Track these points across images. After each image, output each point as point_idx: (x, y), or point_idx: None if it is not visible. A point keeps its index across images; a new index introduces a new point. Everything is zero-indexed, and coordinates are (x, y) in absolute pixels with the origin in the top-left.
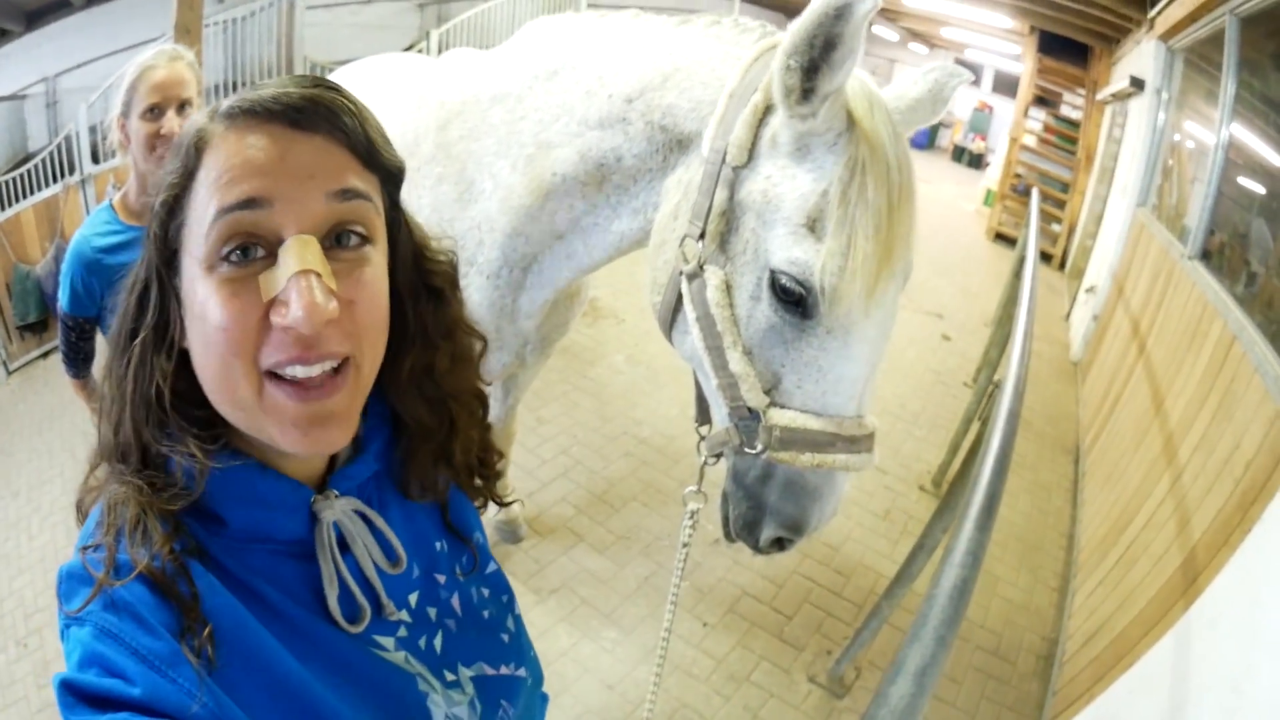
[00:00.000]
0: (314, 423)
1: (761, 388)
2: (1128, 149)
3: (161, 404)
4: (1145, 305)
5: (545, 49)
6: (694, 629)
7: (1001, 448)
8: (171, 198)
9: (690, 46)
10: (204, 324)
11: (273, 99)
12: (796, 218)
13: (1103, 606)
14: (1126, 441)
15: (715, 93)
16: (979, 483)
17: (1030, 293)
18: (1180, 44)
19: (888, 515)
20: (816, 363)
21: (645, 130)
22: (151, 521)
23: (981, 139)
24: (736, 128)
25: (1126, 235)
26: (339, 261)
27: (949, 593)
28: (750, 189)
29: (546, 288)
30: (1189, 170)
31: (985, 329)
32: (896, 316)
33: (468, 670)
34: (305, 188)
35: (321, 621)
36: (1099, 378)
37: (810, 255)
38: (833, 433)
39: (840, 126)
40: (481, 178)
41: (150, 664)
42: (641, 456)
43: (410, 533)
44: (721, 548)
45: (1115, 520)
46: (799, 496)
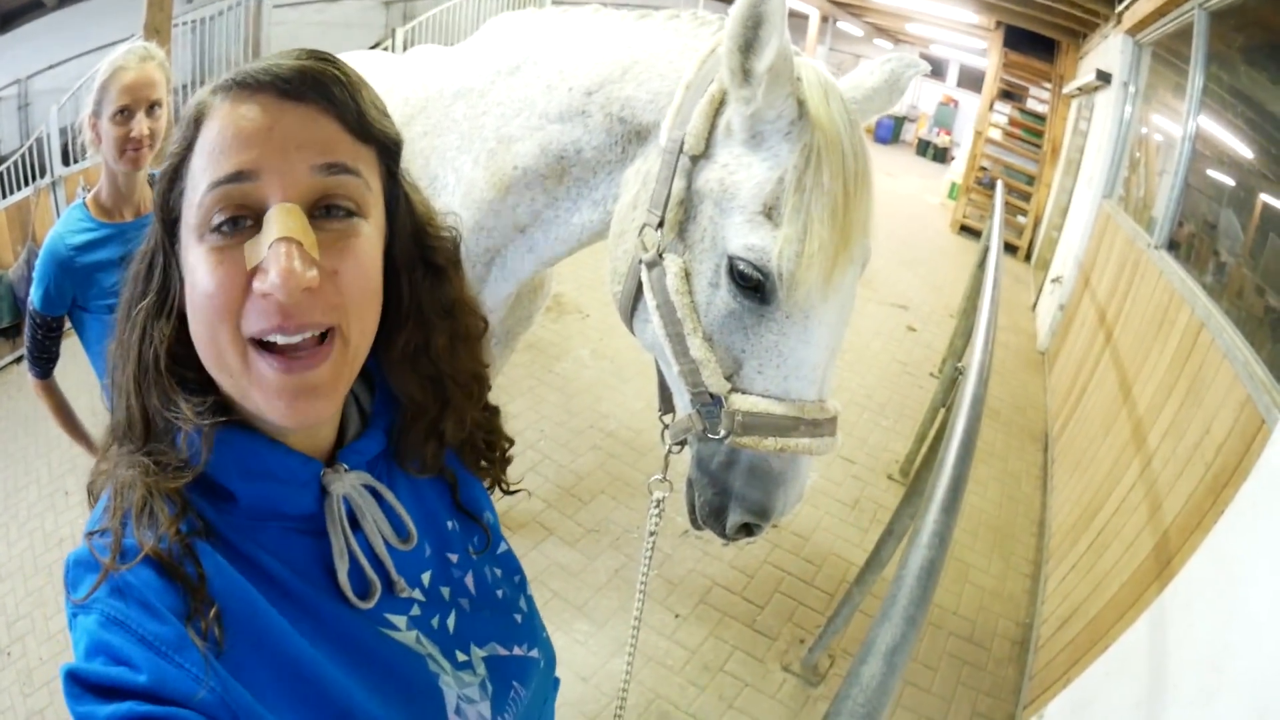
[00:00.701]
0: (298, 394)
1: (723, 373)
2: (1093, 141)
3: (159, 367)
4: (1112, 295)
5: (508, 45)
6: (666, 620)
7: (966, 431)
8: (172, 167)
9: (648, 40)
10: (194, 291)
11: (263, 70)
12: (753, 205)
13: (1076, 591)
14: (1095, 428)
15: (672, 84)
16: (944, 466)
17: (995, 280)
18: (1148, 38)
19: (856, 504)
20: (776, 348)
21: (604, 122)
22: (158, 503)
23: (946, 133)
24: (693, 118)
25: (1092, 226)
26: (325, 232)
27: (916, 574)
28: (707, 177)
29: (509, 281)
30: (1156, 163)
31: (950, 320)
32: (855, 302)
33: (480, 651)
34: (291, 159)
35: (332, 600)
36: (1066, 366)
37: (767, 241)
38: (795, 417)
39: (793, 114)
40: (444, 173)
41: (157, 650)
42: (609, 450)
43: (420, 511)
44: (691, 539)
45: (1086, 506)
46: (763, 481)
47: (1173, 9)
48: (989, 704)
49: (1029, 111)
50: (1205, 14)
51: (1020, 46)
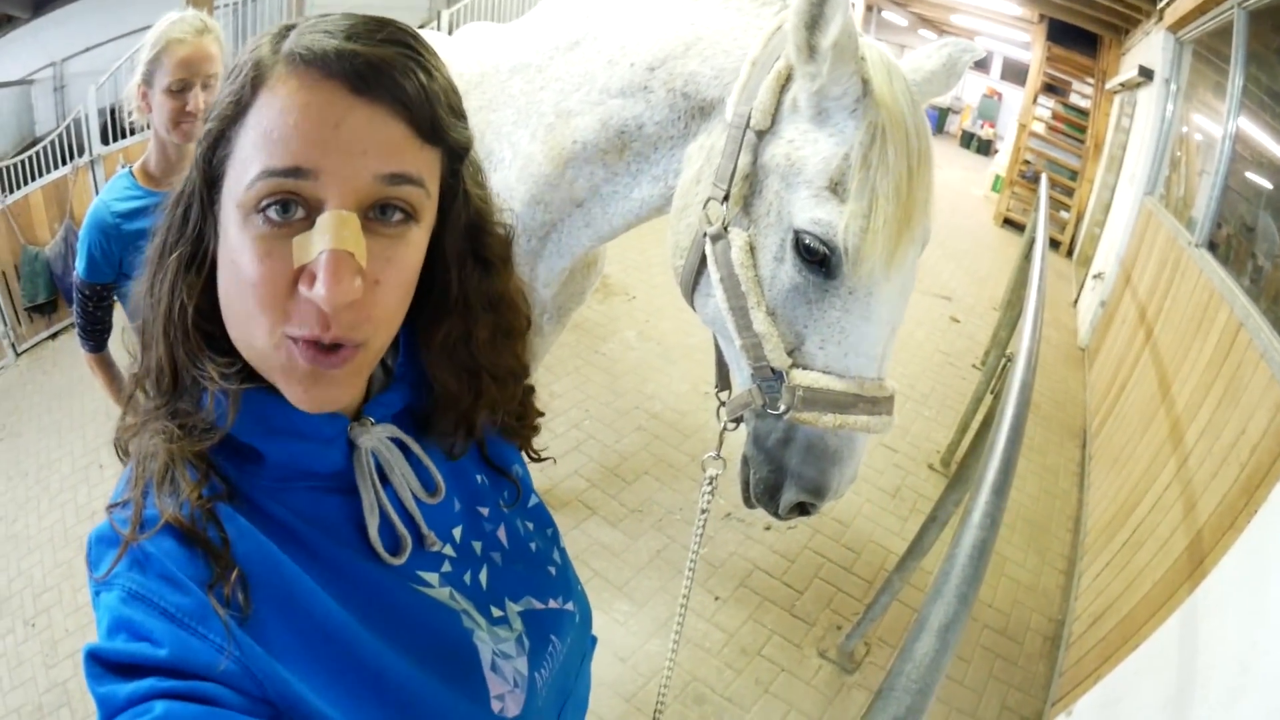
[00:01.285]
0: (317, 382)
1: (784, 348)
2: (1136, 138)
3: (185, 321)
4: (1152, 292)
5: (567, 20)
6: (706, 603)
7: (1015, 417)
8: (220, 128)
9: (712, 17)
10: (235, 271)
11: (337, 54)
12: (819, 180)
13: (1109, 588)
14: (1133, 426)
15: (737, 60)
16: (995, 450)
17: (1040, 271)
18: (1189, 36)
19: (897, 493)
20: (839, 323)
21: (667, 98)
22: (180, 470)
23: (990, 125)
24: (760, 93)
25: (1134, 223)
26: (376, 236)
27: (969, 552)
28: (773, 152)
29: (565, 256)
30: (1196, 162)
31: (993, 312)
32: (914, 283)
33: (515, 605)
34: (355, 164)
35: (363, 559)
36: (1106, 363)
37: (833, 216)
38: (854, 393)
39: (858, 92)
40: (500, 147)
41: (179, 622)
42: (654, 431)
43: (448, 465)
44: (733, 522)
45: (1122, 503)
46: (820, 459)
47: (1213, 7)
48: (1019, 699)
49: (1072, 106)
50: (1244, 13)
51: (1063, 40)
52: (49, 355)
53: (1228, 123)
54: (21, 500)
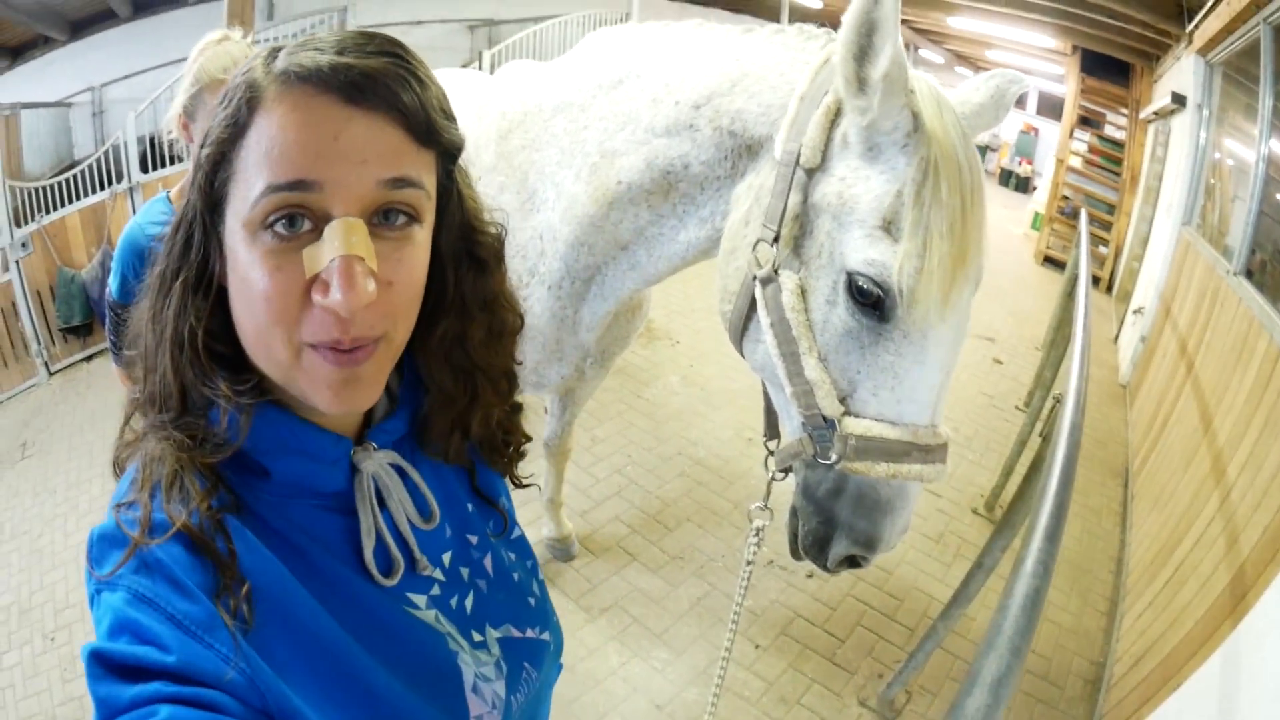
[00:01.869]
0: (345, 385)
1: (836, 395)
2: (1171, 166)
3: (195, 344)
4: (1192, 324)
5: (609, 59)
6: (746, 650)
7: (1066, 459)
8: (219, 151)
9: (757, 53)
10: (247, 288)
11: (331, 69)
12: (872, 219)
13: (1151, 628)
14: (1175, 462)
15: (785, 96)
16: (1046, 494)
17: (1085, 309)
18: (1218, 58)
19: (941, 539)
20: (893, 369)
21: (713, 136)
22: (189, 477)
23: (1028, 162)
24: (809, 129)
25: (1172, 254)
26: (383, 240)
27: (1021, 603)
28: (824, 191)
29: (609, 299)
30: (1230, 189)
31: (1036, 352)
32: (969, 323)
33: (495, 631)
34: (357, 172)
35: (358, 577)
36: (1148, 399)
37: (887, 256)
38: (908, 441)
39: (908, 126)
40: (544, 187)
41: (186, 629)
42: (696, 477)
43: (442, 492)
44: (775, 569)
45: (1164, 542)
46: (872, 510)
47: (1239, 25)
48: None
49: (1107, 138)
50: (1270, 28)
51: (1096, 71)
52: (83, 377)
53: (1260, 145)
54: (49, 517)
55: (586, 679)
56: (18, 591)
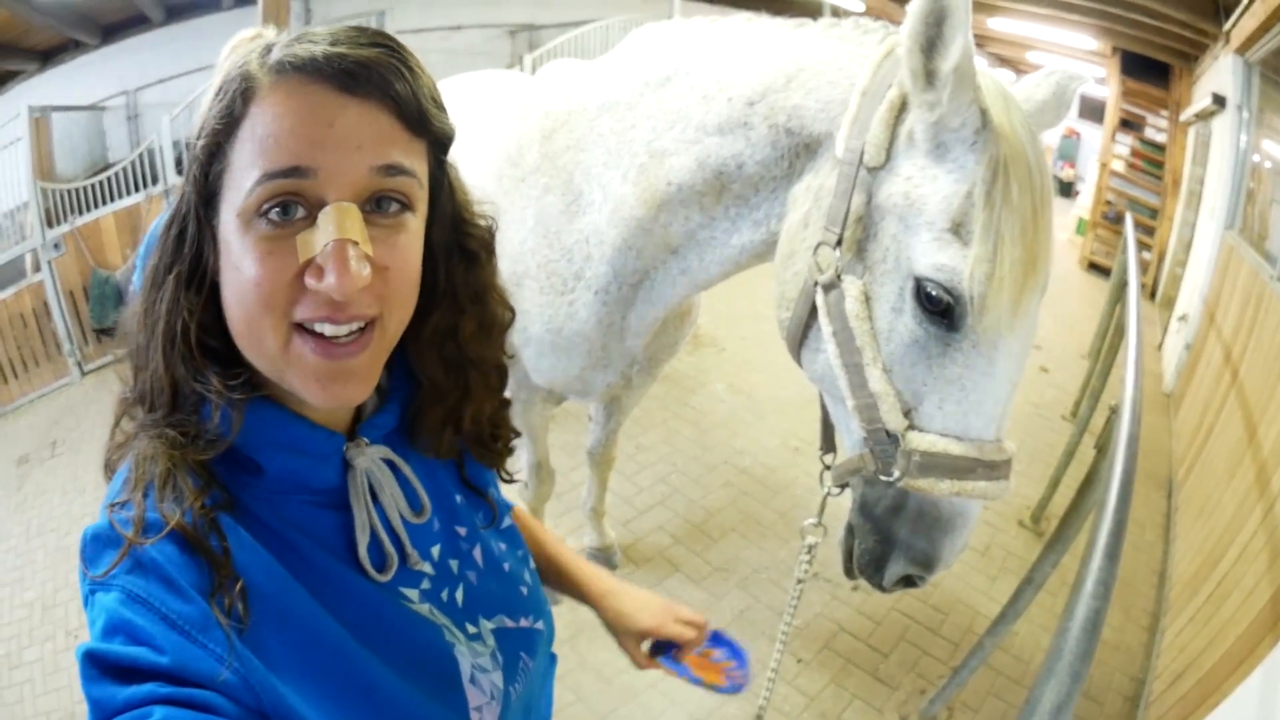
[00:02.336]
0: (335, 378)
1: (900, 409)
2: (1213, 170)
3: (188, 338)
4: (1237, 331)
5: (656, 55)
6: (788, 665)
7: (1125, 473)
8: (214, 142)
9: (812, 46)
10: (238, 275)
11: (325, 58)
12: (941, 221)
13: (1192, 644)
14: (1219, 473)
15: (845, 92)
16: (1105, 510)
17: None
18: (1256, 56)
19: (987, 552)
20: (960, 381)
21: (769, 134)
22: (182, 476)
23: (1070, 166)
24: (873, 126)
25: (1216, 260)
26: (376, 227)
27: (1082, 625)
28: (890, 191)
29: (658, 305)
30: (1270, 191)
31: (1082, 360)
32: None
33: (489, 623)
34: (351, 159)
35: (352, 572)
36: (1192, 408)
37: (957, 261)
38: (974, 458)
39: (977, 124)
40: (590, 189)
41: (180, 629)
42: (741, 487)
43: (431, 484)
44: (820, 581)
45: (1208, 555)
46: (932, 529)
47: (1276, 21)
48: None
49: (1149, 141)
50: None
51: (1136, 73)
52: (108, 381)
53: None
54: (77, 515)
55: (624, 691)
56: (42, 588)
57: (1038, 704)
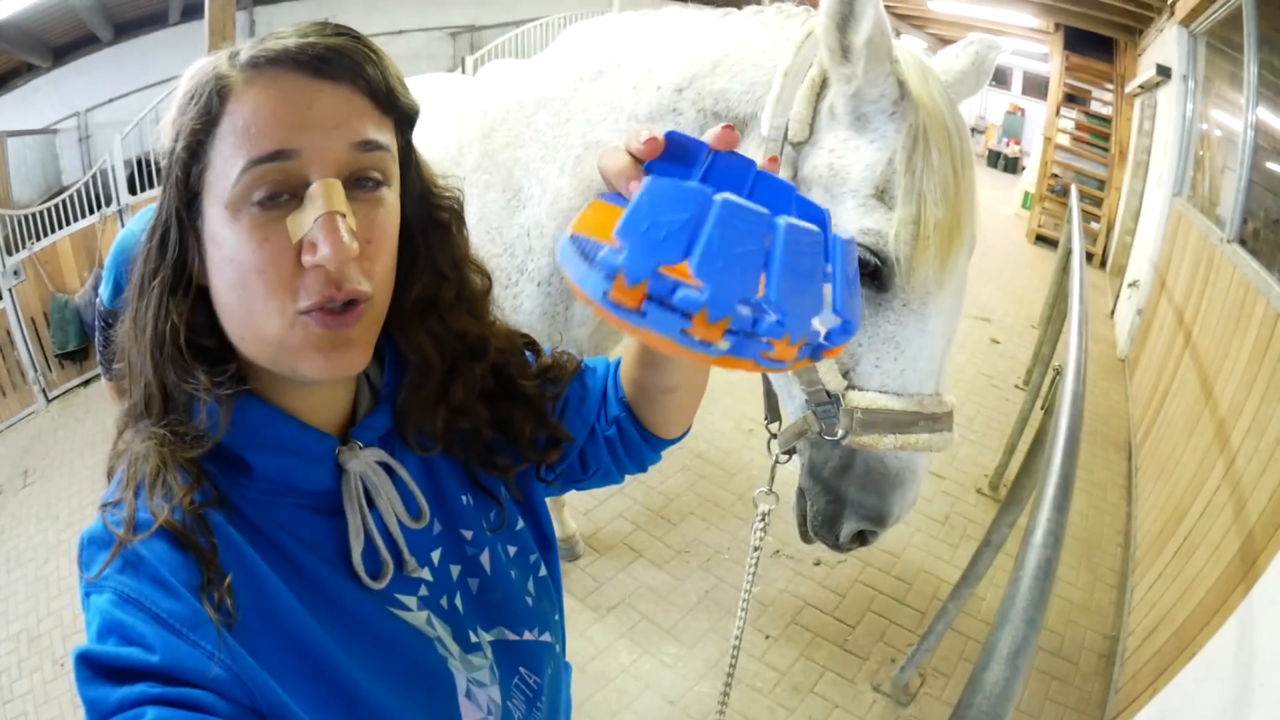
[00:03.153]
0: (335, 346)
1: (839, 370)
2: (1159, 139)
3: (177, 341)
4: (1188, 294)
5: (589, 50)
6: (756, 641)
7: (1070, 429)
8: (194, 143)
9: (737, 33)
10: (236, 267)
11: (298, 49)
12: (865, 188)
13: (1162, 600)
14: (1178, 433)
15: (768, 74)
16: (1052, 465)
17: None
18: (1201, 28)
19: (947, 520)
20: (894, 338)
21: (697, 119)
22: (172, 474)
23: (1015, 143)
24: (796, 103)
25: (1165, 226)
26: (357, 203)
27: (1033, 573)
28: (814, 164)
29: None
30: (1219, 159)
31: (1033, 331)
32: (966, 290)
33: (487, 635)
34: (331, 137)
35: (344, 580)
36: (1147, 372)
37: (882, 224)
38: (914, 411)
39: (895, 94)
40: (529, 183)
41: (170, 628)
42: (698, 470)
43: (431, 486)
44: (783, 559)
45: (1171, 512)
46: (880, 485)
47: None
48: (1075, 718)
49: (1094, 115)
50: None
51: (1080, 48)
52: (81, 402)
53: (1247, 113)
54: (53, 543)
55: (597, 678)
56: (26, 619)
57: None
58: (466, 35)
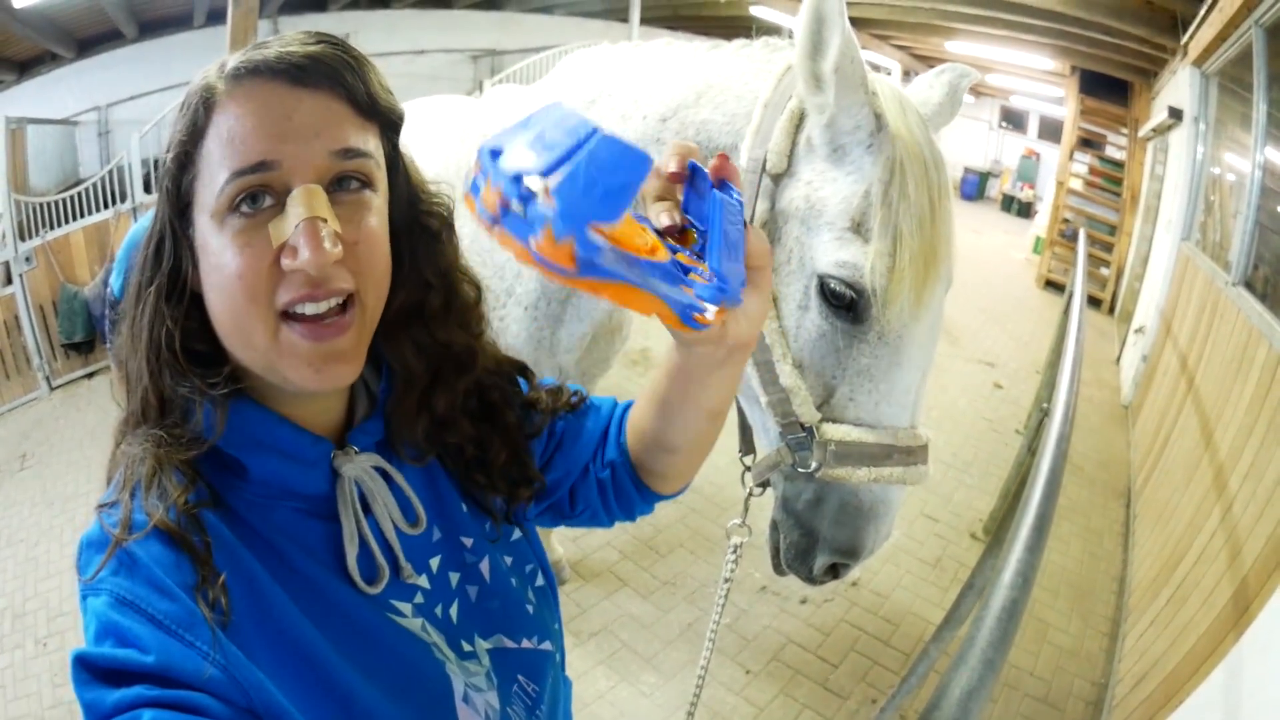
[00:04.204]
0: (326, 359)
1: (814, 402)
2: (1170, 183)
3: (172, 346)
4: (1193, 339)
5: (584, 80)
6: (736, 676)
7: (1051, 470)
8: (183, 153)
9: (722, 65)
10: (220, 273)
11: (277, 58)
12: (841, 221)
13: (1153, 647)
14: (1177, 478)
15: (749, 105)
16: (1029, 505)
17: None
18: (1213, 68)
19: (938, 563)
20: (869, 371)
21: None
22: (167, 475)
23: (1029, 187)
24: (774, 135)
25: (1172, 271)
26: (341, 205)
27: (997, 614)
28: (791, 196)
29: (584, 321)
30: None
31: (1037, 376)
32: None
33: (485, 642)
34: (311, 146)
35: (340, 583)
36: (1149, 418)
37: (858, 257)
38: (888, 444)
39: (871, 126)
40: None
41: (166, 629)
42: (689, 503)
43: (431, 493)
44: (768, 595)
45: (1167, 559)
46: (854, 518)
47: (1232, 31)
48: None
49: (1107, 159)
50: (1262, 31)
51: (1096, 91)
52: (84, 394)
53: (1255, 154)
54: (45, 527)
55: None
56: (11, 597)
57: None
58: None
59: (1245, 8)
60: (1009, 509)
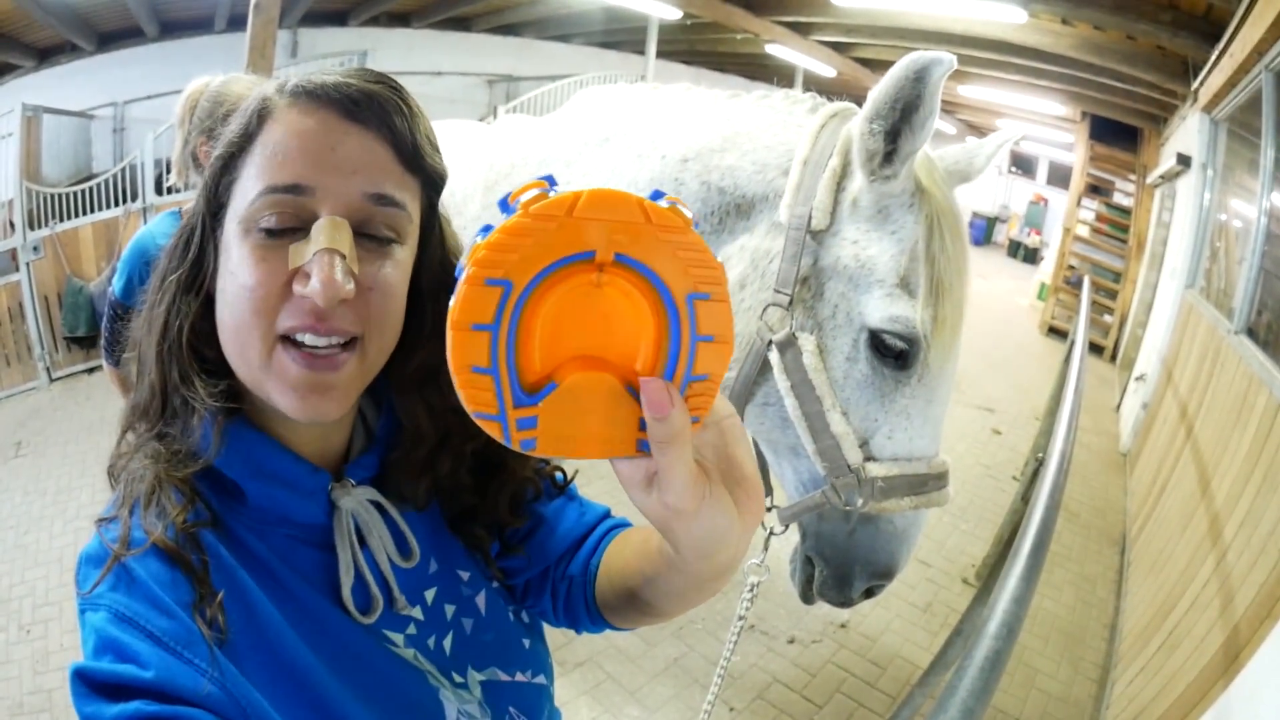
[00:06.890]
0: (312, 390)
1: (858, 444)
2: (1176, 229)
3: (182, 338)
4: (1193, 388)
5: (598, 117)
6: (720, 714)
7: (1043, 521)
8: (229, 155)
9: (748, 113)
10: (234, 280)
11: (334, 86)
12: (891, 279)
13: (1142, 694)
14: (1173, 526)
15: (780, 156)
16: (1018, 555)
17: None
18: (1222, 114)
19: (929, 608)
20: (907, 411)
21: (700, 190)
22: (166, 493)
23: (1036, 232)
24: (819, 193)
25: (1175, 318)
26: (365, 249)
27: (980, 664)
28: (838, 254)
29: None
30: (1235, 250)
31: (1036, 422)
32: None
33: (478, 674)
34: (348, 182)
35: (334, 609)
36: (1147, 466)
37: (909, 311)
38: (925, 473)
39: (912, 186)
40: None
41: (165, 645)
42: None
43: (428, 525)
44: (757, 634)
45: (1159, 606)
46: (890, 542)
47: (1242, 76)
48: None
49: (1115, 205)
50: (1271, 75)
51: (1105, 138)
52: (83, 388)
53: (1261, 200)
54: (36, 516)
55: None
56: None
57: None
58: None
59: (1256, 52)
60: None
